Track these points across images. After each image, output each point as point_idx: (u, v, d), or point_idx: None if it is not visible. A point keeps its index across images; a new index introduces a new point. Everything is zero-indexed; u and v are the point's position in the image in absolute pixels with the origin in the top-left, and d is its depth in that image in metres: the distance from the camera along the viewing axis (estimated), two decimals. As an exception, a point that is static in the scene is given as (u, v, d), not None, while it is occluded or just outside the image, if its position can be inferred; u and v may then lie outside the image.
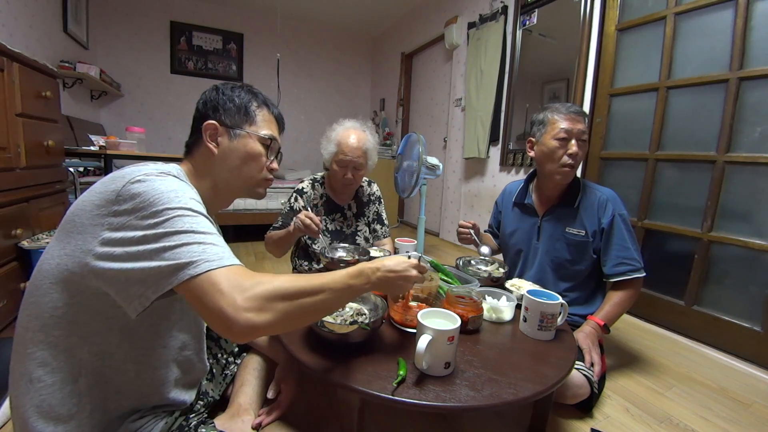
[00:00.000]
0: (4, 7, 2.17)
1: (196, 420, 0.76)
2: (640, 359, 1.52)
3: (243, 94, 0.77)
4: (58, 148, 1.74)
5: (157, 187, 0.56)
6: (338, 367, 0.74)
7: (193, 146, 0.75)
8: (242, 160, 0.74)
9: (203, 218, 0.56)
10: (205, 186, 0.74)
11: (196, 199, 0.59)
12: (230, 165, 0.74)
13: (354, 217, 1.68)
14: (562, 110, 1.24)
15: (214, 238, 0.54)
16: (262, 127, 0.76)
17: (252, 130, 0.75)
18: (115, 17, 4.03)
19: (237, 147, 0.73)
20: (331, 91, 5.28)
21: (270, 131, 0.77)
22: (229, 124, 0.74)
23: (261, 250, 2.92)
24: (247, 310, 0.50)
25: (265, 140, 0.76)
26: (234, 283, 0.51)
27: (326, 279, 0.60)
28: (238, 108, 0.75)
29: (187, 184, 0.63)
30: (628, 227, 1.25)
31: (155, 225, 0.53)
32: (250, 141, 0.74)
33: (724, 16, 1.63)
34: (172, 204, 0.55)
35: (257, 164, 0.76)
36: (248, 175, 0.76)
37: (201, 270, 0.50)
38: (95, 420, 0.62)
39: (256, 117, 0.76)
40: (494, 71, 2.89)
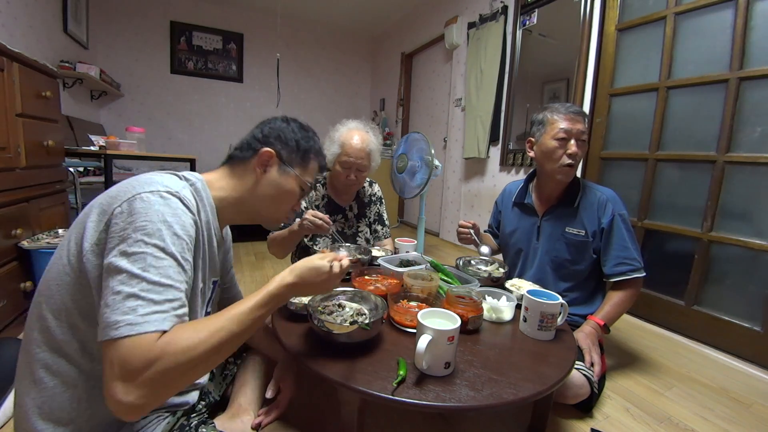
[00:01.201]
0: (4, 7, 2.17)
1: (197, 420, 0.76)
2: (640, 359, 1.52)
3: (309, 139, 0.82)
4: (58, 148, 1.74)
5: (150, 212, 0.57)
6: (338, 367, 0.74)
7: (239, 160, 0.78)
8: (278, 195, 0.78)
9: (168, 261, 0.56)
10: (230, 199, 0.76)
11: (181, 233, 0.59)
12: (265, 193, 0.78)
13: (355, 218, 1.68)
14: (561, 110, 1.24)
15: (157, 291, 0.53)
16: (308, 175, 0.82)
17: (300, 173, 0.80)
18: (115, 17, 4.03)
19: (280, 182, 0.78)
20: (331, 91, 5.28)
21: (312, 180, 0.84)
22: (285, 160, 0.79)
23: (261, 250, 2.92)
24: (127, 395, 0.49)
25: (306, 186, 0.82)
26: (128, 365, 0.49)
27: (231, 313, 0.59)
28: (299, 149, 0.80)
29: (188, 207, 0.63)
30: (628, 227, 1.25)
31: (122, 254, 0.54)
32: (293, 181, 0.79)
33: (724, 16, 1.63)
34: (148, 239, 0.55)
35: (288, 203, 0.81)
36: (276, 209, 0.80)
37: (116, 335, 0.50)
38: (95, 422, 0.63)
39: (309, 164, 0.82)
40: (494, 71, 2.89)
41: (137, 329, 0.50)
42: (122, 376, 0.49)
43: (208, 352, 0.54)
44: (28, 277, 1.46)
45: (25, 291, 1.43)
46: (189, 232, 0.61)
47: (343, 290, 0.96)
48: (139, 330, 0.50)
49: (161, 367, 0.50)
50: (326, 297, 0.93)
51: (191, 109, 4.55)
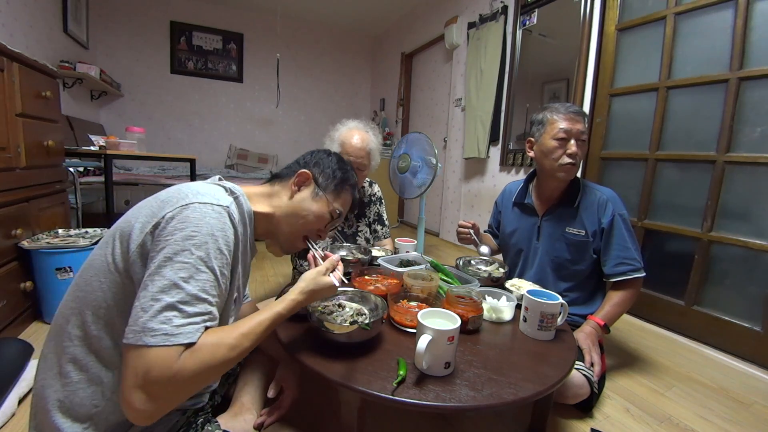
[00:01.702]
0: (4, 7, 2.18)
1: (203, 418, 0.76)
2: (640, 359, 1.52)
3: (346, 172, 0.87)
4: (58, 148, 1.74)
5: (201, 223, 0.60)
6: (338, 367, 0.74)
7: (280, 178, 0.84)
8: (304, 214, 0.81)
9: (208, 275, 0.59)
10: (263, 213, 0.80)
11: (224, 248, 0.62)
12: (295, 212, 0.81)
13: (355, 217, 1.68)
14: (561, 110, 1.24)
15: (193, 303, 0.56)
16: (339, 203, 0.85)
17: (333, 201, 0.84)
18: (115, 17, 4.03)
19: (311, 203, 0.81)
20: (331, 91, 5.28)
21: (342, 209, 0.87)
22: (320, 184, 0.83)
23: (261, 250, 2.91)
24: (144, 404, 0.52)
25: (335, 213, 0.84)
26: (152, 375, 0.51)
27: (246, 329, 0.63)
28: (334, 178, 0.84)
29: (233, 222, 0.66)
30: (628, 227, 1.25)
31: (167, 259, 0.56)
32: (323, 205, 0.82)
33: (724, 16, 1.63)
34: (195, 249, 0.58)
35: (313, 225, 0.83)
36: (301, 230, 0.82)
37: (151, 342, 0.52)
38: (111, 421, 0.63)
39: (341, 194, 0.86)
40: (494, 71, 2.89)
41: (172, 340, 0.52)
42: (144, 385, 0.51)
43: (222, 366, 0.58)
44: (28, 277, 1.46)
45: (25, 291, 1.43)
46: (230, 248, 0.64)
47: (343, 290, 0.96)
48: (173, 341, 0.52)
49: (180, 379, 0.53)
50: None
51: (191, 109, 4.55)
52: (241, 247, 0.71)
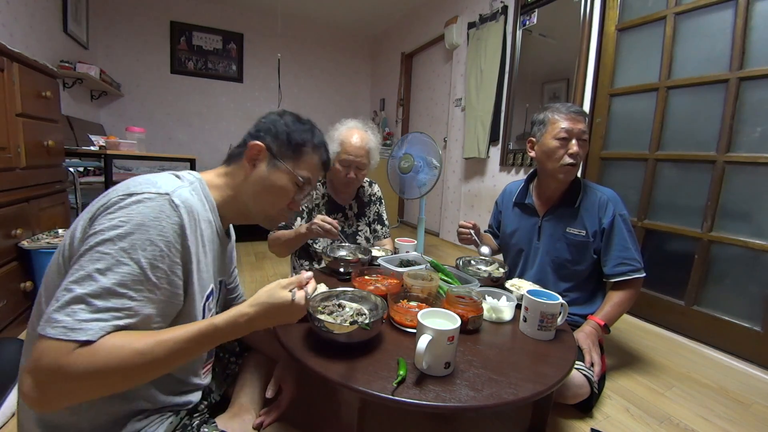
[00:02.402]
0: (4, 7, 2.17)
1: (199, 419, 0.76)
2: (640, 359, 1.52)
3: (304, 132, 0.77)
4: (58, 148, 1.74)
5: (131, 213, 0.55)
6: (338, 367, 0.74)
7: (235, 157, 0.76)
8: (268, 191, 0.74)
9: (130, 268, 0.53)
10: (226, 197, 0.74)
11: (157, 239, 0.56)
12: (255, 190, 0.74)
13: (355, 217, 1.68)
14: (562, 110, 1.24)
15: (105, 297, 0.52)
16: (303, 169, 0.76)
17: (294, 169, 0.75)
18: (115, 17, 4.03)
19: (270, 177, 0.74)
20: (331, 91, 5.28)
21: (309, 175, 0.77)
22: (275, 153, 0.74)
23: (261, 249, 2.92)
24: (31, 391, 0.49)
25: (299, 181, 0.76)
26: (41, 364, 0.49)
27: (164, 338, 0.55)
28: (289, 143, 0.75)
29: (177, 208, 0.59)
30: (629, 227, 1.25)
31: (88, 249, 0.53)
32: (284, 176, 0.74)
33: (724, 16, 1.63)
34: (118, 240, 0.53)
35: (280, 200, 0.76)
36: (267, 206, 0.76)
37: (50, 333, 0.49)
38: (96, 423, 0.62)
39: (303, 158, 0.76)
40: (494, 71, 2.89)
41: (69, 335, 0.49)
42: (33, 371, 0.49)
43: (124, 371, 0.52)
44: (28, 277, 1.46)
45: (25, 291, 1.43)
46: (168, 237, 0.57)
47: (343, 290, 0.96)
48: (70, 337, 0.49)
49: (66, 375, 0.49)
50: (326, 297, 0.93)
51: (191, 109, 4.55)
52: (206, 233, 0.67)
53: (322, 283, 1.05)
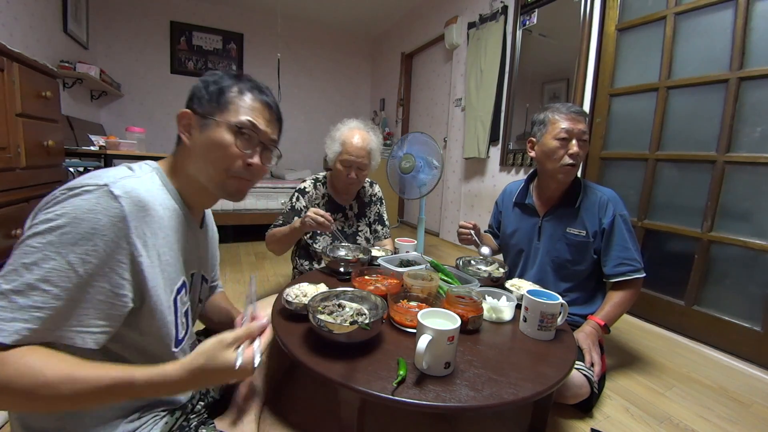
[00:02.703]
0: (4, 7, 2.17)
1: (197, 420, 0.75)
2: (640, 359, 1.52)
3: (224, 79, 0.68)
4: (58, 148, 1.74)
5: (66, 206, 0.52)
6: (338, 367, 0.74)
7: (178, 139, 0.70)
8: (208, 152, 0.66)
9: (58, 263, 0.50)
10: (183, 182, 0.69)
11: (90, 231, 0.52)
12: (198, 158, 0.67)
13: (355, 217, 1.68)
14: (562, 110, 1.24)
15: (28, 294, 0.49)
16: (237, 115, 0.66)
17: (223, 118, 0.66)
18: (115, 17, 4.03)
19: (204, 138, 0.66)
20: (331, 91, 5.28)
21: (246, 118, 0.67)
22: (201, 113, 0.66)
23: (261, 250, 2.92)
24: None
25: (233, 128, 0.66)
26: None
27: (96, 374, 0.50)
28: (211, 95, 0.67)
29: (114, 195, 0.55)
30: (629, 228, 1.25)
31: (19, 244, 0.50)
32: (218, 130, 0.65)
33: (724, 16, 1.63)
34: (48, 234, 0.50)
35: (224, 157, 0.66)
36: (215, 170, 0.67)
37: None
38: (82, 427, 0.60)
39: (232, 104, 0.67)
40: (494, 71, 2.89)
41: None
42: None
43: (20, 398, 0.48)
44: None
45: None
46: (103, 232, 0.52)
47: (343, 290, 0.96)
48: None
49: None
50: (326, 297, 0.93)
51: (191, 109, 4.54)
52: (159, 224, 0.61)
53: (322, 283, 1.05)
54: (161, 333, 0.64)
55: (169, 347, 0.66)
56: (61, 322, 0.51)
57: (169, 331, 0.65)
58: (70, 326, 0.52)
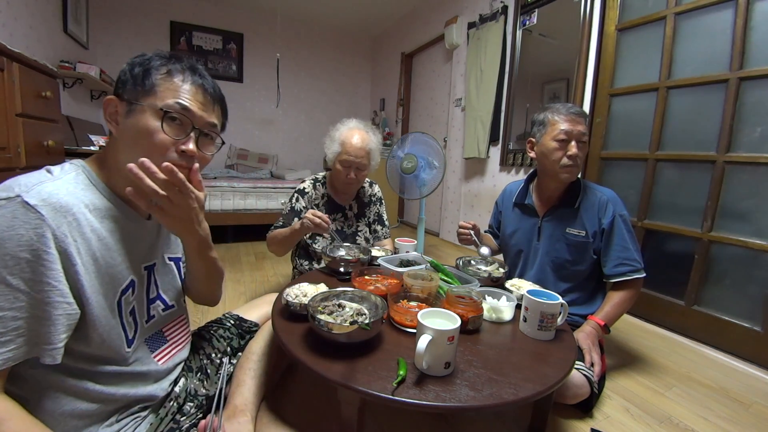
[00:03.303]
0: (4, 7, 2.17)
1: (189, 423, 0.75)
2: (640, 359, 1.52)
3: (152, 60, 0.63)
4: (58, 148, 1.74)
5: None
6: (338, 367, 0.74)
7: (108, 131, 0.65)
8: (137, 140, 0.60)
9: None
10: (116, 177, 0.64)
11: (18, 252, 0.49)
12: (127, 147, 0.61)
13: (355, 217, 1.68)
14: (562, 111, 1.24)
15: None
16: (164, 98, 0.61)
17: (149, 102, 0.60)
18: (115, 17, 4.03)
19: (130, 126, 0.60)
20: (331, 91, 5.28)
21: (174, 100, 0.61)
22: (127, 98, 0.61)
23: (261, 250, 2.92)
24: None
25: (160, 112, 0.60)
26: None
27: None
28: (136, 78, 0.61)
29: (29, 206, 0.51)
30: (629, 228, 1.25)
31: None
32: (144, 116, 0.60)
33: (724, 16, 1.63)
34: None
35: (152, 145, 0.60)
36: (149, 157, 0.60)
37: None
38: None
39: (159, 86, 0.61)
40: (494, 71, 2.89)
41: None
42: None
43: None
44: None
45: None
46: (31, 245, 0.50)
47: (343, 290, 0.96)
48: None
49: None
50: (326, 297, 0.93)
51: (191, 109, 4.54)
52: (90, 227, 0.58)
53: (322, 283, 1.05)
54: (110, 336, 0.61)
55: (122, 348, 0.64)
56: (33, 340, 0.51)
57: (118, 333, 0.63)
58: (40, 344, 0.52)
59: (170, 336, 0.78)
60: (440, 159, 2.48)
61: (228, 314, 1.08)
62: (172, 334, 0.78)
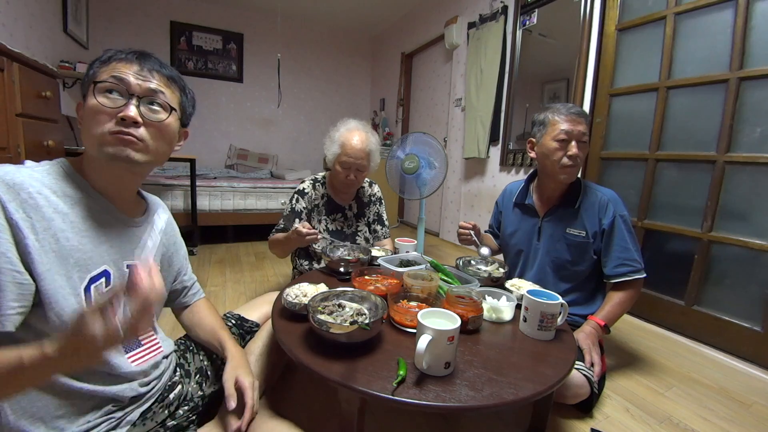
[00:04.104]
0: (4, 7, 2.17)
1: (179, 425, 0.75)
2: (640, 359, 1.52)
3: (95, 59, 0.68)
4: (58, 148, 1.74)
5: None
6: (338, 367, 0.74)
7: None
8: (85, 124, 0.65)
9: None
10: (89, 170, 0.68)
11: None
12: (83, 134, 0.67)
13: (354, 217, 1.68)
14: (562, 111, 1.24)
15: None
16: (100, 77, 0.65)
17: (92, 83, 0.64)
18: (115, 17, 4.03)
19: (82, 113, 0.67)
20: (331, 91, 5.28)
21: (111, 74, 0.65)
22: (83, 92, 0.67)
23: (261, 250, 2.93)
24: None
25: (97, 88, 0.64)
26: None
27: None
28: (86, 73, 0.67)
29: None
30: (629, 228, 1.25)
31: None
32: (88, 99, 0.65)
33: (724, 16, 1.63)
34: None
35: (96, 119, 0.64)
36: (91, 135, 0.64)
37: None
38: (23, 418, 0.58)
39: (98, 71, 0.66)
40: (494, 71, 2.89)
41: None
42: None
43: None
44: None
45: None
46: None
47: (343, 290, 0.96)
48: None
49: None
50: (326, 297, 0.93)
51: (191, 109, 4.54)
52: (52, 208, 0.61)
53: (322, 283, 1.05)
54: (64, 320, 0.60)
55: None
56: None
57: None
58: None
59: (144, 342, 0.76)
60: (441, 159, 2.48)
61: (229, 314, 1.08)
62: (145, 340, 0.76)
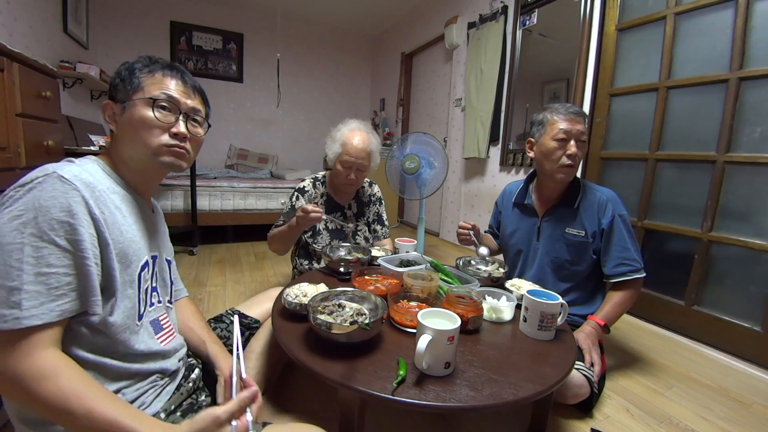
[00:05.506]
0: (4, 7, 2.17)
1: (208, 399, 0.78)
2: (640, 359, 1.52)
3: (135, 63, 0.72)
4: (58, 148, 1.74)
5: (27, 199, 0.55)
6: (338, 367, 0.74)
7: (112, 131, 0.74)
8: (134, 132, 0.69)
9: (49, 249, 0.54)
10: (123, 169, 0.72)
11: (60, 214, 0.56)
12: (128, 139, 0.70)
13: (354, 216, 1.68)
14: (561, 111, 1.24)
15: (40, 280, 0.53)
16: (151, 91, 0.70)
17: (138, 96, 0.69)
18: (115, 17, 4.03)
19: (128, 120, 0.69)
20: (331, 91, 5.28)
21: (159, 90, 0.70)
22: (120, 99, 0.70)
23: (261, 250, 2.92)
24: None
25: (149, 102, 0.69)
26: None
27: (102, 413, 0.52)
28: (124, 80, 0.70)
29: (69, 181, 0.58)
30: (628, 228, 1.25)
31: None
32: (138, 108, 0.69)
33: (724, 16, 1.63)
34: (26, 228, 0.54)
35: (150, 131, 0.69)
36: (145, 145, 0.69)
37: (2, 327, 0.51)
38: None
39: (144, 82, 0.70)
40: (494, 71, 2.89)
41: (24, 323, 0.51)
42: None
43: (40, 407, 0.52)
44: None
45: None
46: (71, 209, 0.57)
47: (343, 290, 0.96)
48: (26, 324, 0.51)
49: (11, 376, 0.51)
50: (326, 297, 0.93)
51: (191, 109, 4.54)
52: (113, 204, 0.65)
53: (322, 283, 1.05)
54: (125, 305, 0.65)
55: (134, 319, 0.68)
56: (82, 295, 0.57)
57: (133, 304, 0.67)
58: (88, 297, 0.58)
59: (165, 325, 0.79)
60: (441, 159, 2.49)
61: (230, 311, 1.09)
62: (165, 324, 0.79)
